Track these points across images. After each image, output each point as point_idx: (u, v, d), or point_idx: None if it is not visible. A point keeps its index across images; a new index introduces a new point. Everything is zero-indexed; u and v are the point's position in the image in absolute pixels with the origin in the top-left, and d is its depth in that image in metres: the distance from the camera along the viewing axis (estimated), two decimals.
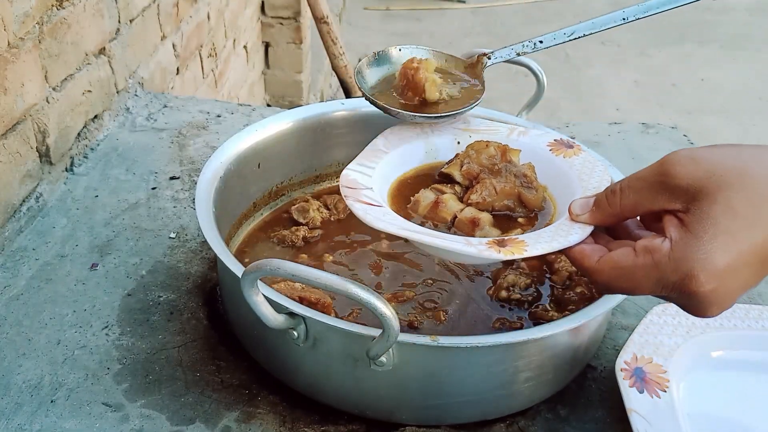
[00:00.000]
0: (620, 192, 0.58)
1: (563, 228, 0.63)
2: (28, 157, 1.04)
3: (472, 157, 0.75)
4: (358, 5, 4.88)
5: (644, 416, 0.72)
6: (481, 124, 0.82)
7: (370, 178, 0.73)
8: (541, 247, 0.61)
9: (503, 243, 0.62)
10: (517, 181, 0.73)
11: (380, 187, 0.74)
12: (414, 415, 0.74)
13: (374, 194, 0.71)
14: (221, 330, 0.87)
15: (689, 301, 0.54)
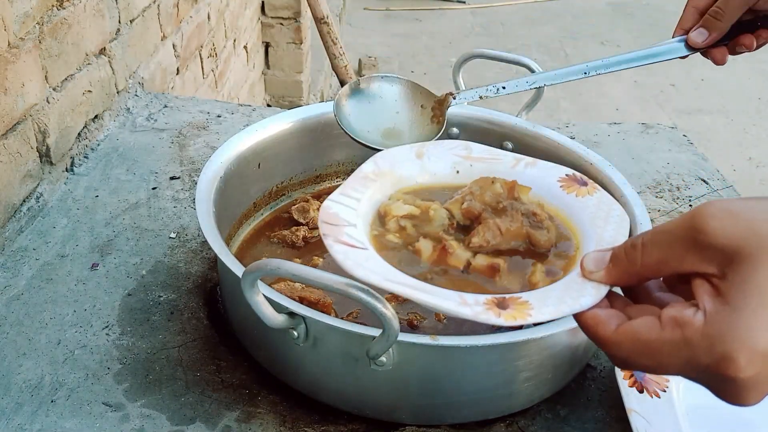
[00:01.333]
0: (642, 247, 0.48)
1: (574, 286, 0.53)
2: (28, 157, 1.04)
3: (475, 194, 0.66)
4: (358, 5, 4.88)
5: (644, 416, 0.72)
6: (483, 151, 0.74)
7: (354, 211, 0.64)
8: (548, 311, 0.52)
9: (504, 304, 0.53)
10: (526, 220, 0.64)
11: (366, 221, 0.65)
12: (414, 414, 0.74)
13: (358, 232, 0.61)
14: (221, 330, 0.87)
15: (724, 386, 0.44)
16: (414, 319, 0.83)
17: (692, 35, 0.76)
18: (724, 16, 0.74)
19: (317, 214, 0.99)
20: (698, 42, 0.76)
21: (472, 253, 0.61)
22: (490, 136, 1.04)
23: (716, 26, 0.75)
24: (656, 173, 1.25)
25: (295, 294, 0.78)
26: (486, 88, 0.84)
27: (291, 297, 0.72)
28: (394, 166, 0.71)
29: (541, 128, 1.01)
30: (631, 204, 0.86)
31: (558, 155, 0.97)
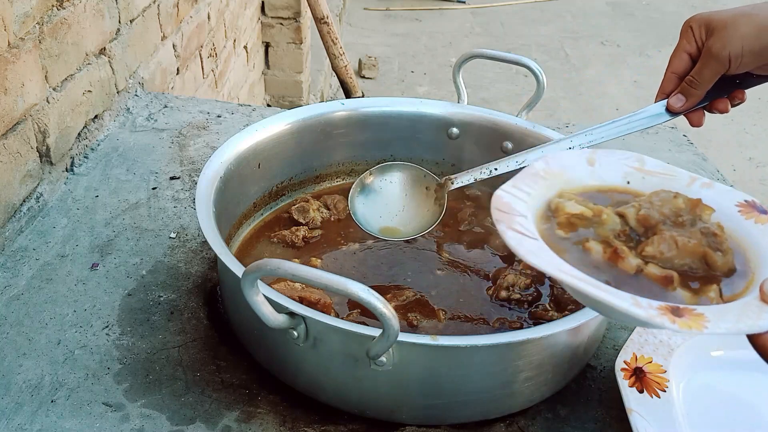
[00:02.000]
0: None
1: (752, 309, 0.53)
2: (28, 157, 1.04)
3: (654, 204, 0.65)
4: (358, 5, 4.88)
5: (644, 416, 0.72)
6: (657, 165, 0.72)
7: (525, 203, 0.64)
8: (725, 326, 0.51)
9: (679, 312, 0.53)
10: (704, 239, 0.61)
11: (534, 214, 0.65)
12: (414, 415, 0.74)
13: (528, 223, 0.62)
14: (221, 330, 0.87)
15: None
16: (413, 319, 0.83)
17: (671, 101, 0.80)
18: (699, 85, 0.78)
19: (317, 214, 0.99)
20: (676, 107, 0.80)
21: (644, 261, 0.60)
22: (490, 136, 1.04)
23: (692, 93, 0.79)
24: None
25: (295, 294, 0.78)
26: (480, 170, 0.89)
27: (291, 297, 0.72)
28: (564, 168, 0.70)
29: (542, 128, 1.01)
30: None
31: None
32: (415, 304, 0.86)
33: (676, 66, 0.80)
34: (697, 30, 0.77)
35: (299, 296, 0.78)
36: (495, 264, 0.94)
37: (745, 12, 0.74)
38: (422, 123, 1.07)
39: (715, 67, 0.76)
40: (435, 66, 4.05)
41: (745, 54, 0.74)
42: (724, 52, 0.74)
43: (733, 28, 0.74)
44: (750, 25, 0.73)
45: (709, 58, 0.76)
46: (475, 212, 1.02)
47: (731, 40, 0.74)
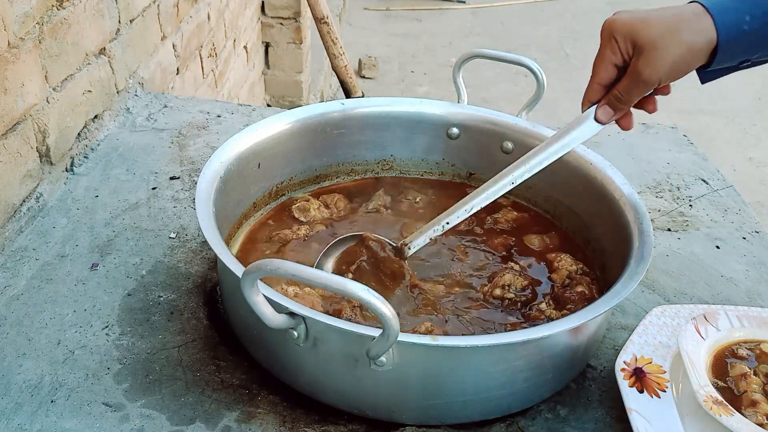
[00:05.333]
0: None
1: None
2: (28, 157, 1.04)
3: None
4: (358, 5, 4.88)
5: (644, 416, 0.72)
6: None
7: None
8: None
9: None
10: None
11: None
12: (414, 415, 0.74)
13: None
14: (221, 330, 0.87)
15: None
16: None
17: (599, 114, 0.80)
18: (627, 101, 0.78)
19: (318, 213, 0.99)
20: (604, 120, 0.81)
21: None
22: (490, 136, 1.04)
23: (620, 108, 0.79)
24: (656, 173, 1.25)
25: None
26: (433, 229, 0.86)
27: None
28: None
29: (541, 128, 1.01)
30: (631, 204, 0.86)
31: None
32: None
33: (602, 76, 0.79)
34: (623, 44, 0.76)
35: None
36: (493, 264, 0.94)
37: (670, 27, 0.72)
38: (422, 123, 1.07)
39: (645, 88, 0.76)
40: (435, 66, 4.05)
41: (673, 76, 0.74)
42: (654, 77, 0.74)
43: (663, 50, 0.72)
44: (679, 47, 0.72)
45: (639, 81, 0.75)
46: (474, 212, 1.01)
47: (662, 65, 0.73)
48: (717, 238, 1.09)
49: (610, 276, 0.85)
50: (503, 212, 1.01)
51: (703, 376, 0.72)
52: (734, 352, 0.78)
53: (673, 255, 1.05)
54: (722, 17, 0.71)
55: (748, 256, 1.06)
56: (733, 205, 1.18)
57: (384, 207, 1.02)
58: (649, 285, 0.98)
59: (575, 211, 0.98)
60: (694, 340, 0.76)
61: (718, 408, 0.69)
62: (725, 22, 0.71)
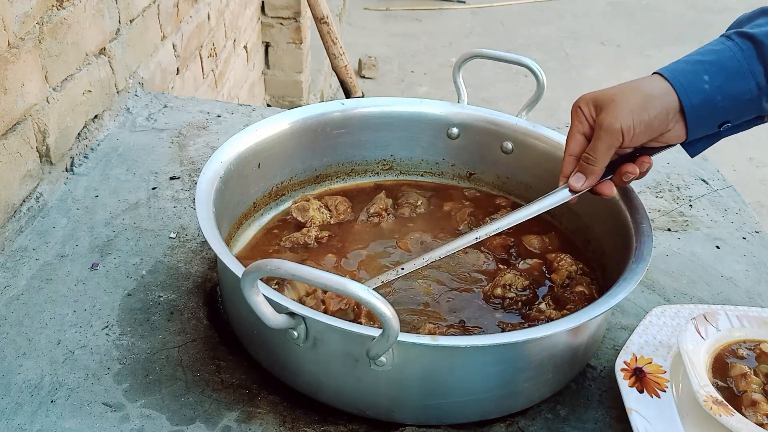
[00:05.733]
0: None
1: None
2: (28, 157, 1.04)
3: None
4: (358, 5, 4.88)
5: (644, 416, 0.72)
6: None
7: None
8: None
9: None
10: None
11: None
12: (414, 415, 0.74)
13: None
14: (221, 330, 0.87)
15: None
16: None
17: (571, 181, 0.80)
18: (596, 161, 0.78)
19: (317, 214, 0.99)
20: (577, 186, 0.80)
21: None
22: (490, 136, 1.04)
23: (590, 170, 0.79)
24: (656, 173, 1.25)
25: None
26: (387, 274, 0.84)
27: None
28: None
29: (541, 128, 1.01)
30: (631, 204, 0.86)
31: (558, 155, 0.97)
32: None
33: (572, 148, 0.80)
34: (586, 109, 0.78)
35: None
36: (492, 264, 0.94)
37: (630, 86, 0.76)
38: (422, 123, 1.07)
39: (609, 140, 0.76)
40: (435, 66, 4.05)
41: (636, 125, 0.75)
42: (615, 125, 0.75)
43: (621, 101, 0.75)
44: (637, 97, 0.75)
45: (601, 132, 0.76)
46: (474, 212, 1.01)
47: (621, 113, 0.75)
48: (717, 238, 1.09)
49: (610, 276, 0.85)
50: (502, 213, 1.01)
51: (703, 376, 0.72)
52: (734, 352, 0.78)
53: (673, 255, 1.05)
54: (679, 79, 0.75)
55: (748, 256, 1.06)
56: (733, 205, 1.18)
57: (385, 211, 1.02)
58: (649, 285, 0.98)
59: (575, 212, 0.98)
60: (694, 340, 0.76)
61: (718, 408, 0.69)
62: (683, 83, 0.74)
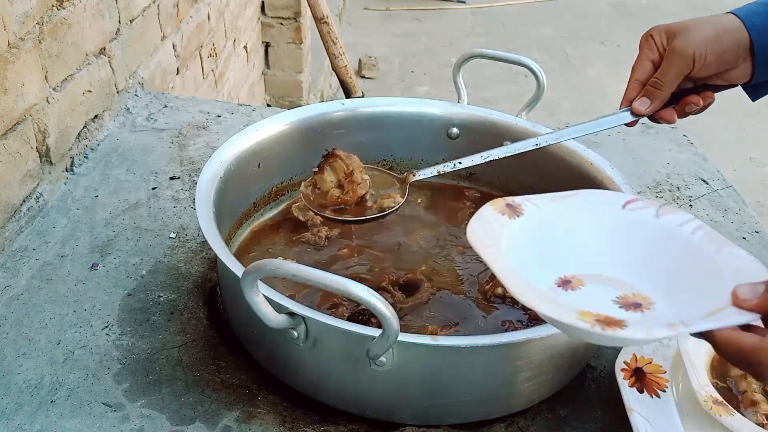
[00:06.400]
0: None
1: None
2: (28, 157, 1.04)
3: None
4: (358, 5, 4.88)
5: (644, 416, 0.72)
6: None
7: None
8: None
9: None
10: None
11: None
12: (414, 415, 0.74)
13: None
14: (221, 330, 0.87)
15: None
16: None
17: (635, 105, 0.81)
18: (663, 86, 0.79)
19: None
20: (641, 110, 0.81)
21: None
22: (490, 136, 1.04)
23: (657, 95, 0.79)
24: (656, 173, 1.25)
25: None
26: (444, 165, 0.90)
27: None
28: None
29: (542, 128, 1.01)
30: None
31: (558, 155, 0.98)
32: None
33: (639, 74, 0.81)
34: (658, 37, 0.79)
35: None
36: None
37: (704, 18, 0.77)
38: (422, 123, 1.07)
39: (679, 65, 0.77)
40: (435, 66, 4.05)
41: (708, 54, 0.76)
42: (688, 50, 0.76)
43: (695, 29, 0.76)
44: (711, 28, 0.76)
45: (673, 58, 0.77)
46: (474, 212, 1.01)
47: (695, 40, 0.76)
48: None
49: None
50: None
51: (703, 376, 0.72)
52: None
53: None
54: (752, 19, 0.75)
55: None
56: (733, 205, 1.18)
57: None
58: None
59: None
60: (695, 341, 0.76)
61: (718, 408, 0.69)
62: (755, 23, 0.75)
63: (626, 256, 0.66)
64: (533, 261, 0.64)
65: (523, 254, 0.64)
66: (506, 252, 0.63)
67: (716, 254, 0.63)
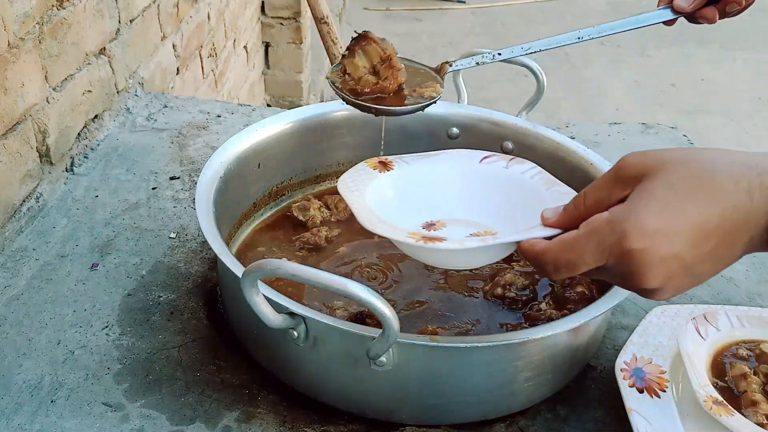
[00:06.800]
0: (584, 195, 0.61)
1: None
2: (28, 157, 1.04)
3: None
4: (358, 5, 4.88)
5: (644, 416, 0.72)
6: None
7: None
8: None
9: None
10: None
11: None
12: (414, 415, 0.74)
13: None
14: (221, 330, 0.87)
15: (626, 266, 0.55)
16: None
17: (678, 1, 0.77)
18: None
19: (318, 212, 0.99)
20: (684, 6, 0.77)
21: None
22: (490, 137, 1.04)
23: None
24: None
25: None
26: (482, 54, 0.86)
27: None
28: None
29: (542, 128, 1.01)
30: None
31: (558, 155, 0.97)
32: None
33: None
34: None
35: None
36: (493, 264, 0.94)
37: None
38: (422, 123, 1.07)
39: None
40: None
41: None
42: None
43: None
44: None
45: None
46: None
47: None
48: None
49: None
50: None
51: (703, 376, 0.72)
52: (734, 352, 0.78)
53: None
54: None
55: (748, 257, 1.05)
56: None
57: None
58: None
59: None
60: (694, 340, 0.76)
61: (718, 408, 0.69)
62: None
63: (479, 202, 0.78)
64: (400, 208, 0.76)
65: (389, 201, 0.76)
66: (370, 197, 0.75)
67: (546, 191, 0.75)
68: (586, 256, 0.57)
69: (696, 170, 0.55)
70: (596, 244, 0.56)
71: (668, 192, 0.55)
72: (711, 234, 0.54)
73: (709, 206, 0.54)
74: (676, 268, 0.55)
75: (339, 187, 0.76)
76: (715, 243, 0.55)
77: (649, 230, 0.54)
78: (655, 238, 0.54)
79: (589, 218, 0.58)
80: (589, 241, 0.57)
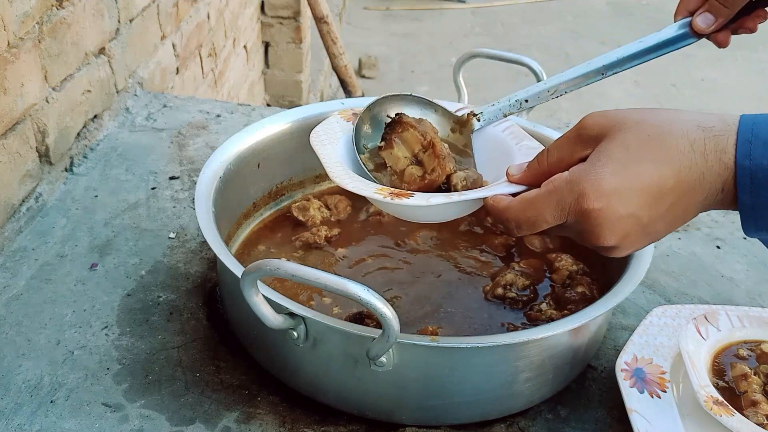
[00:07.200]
0: (547, 153, 0.63)
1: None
2: (27, 157, 1.04)
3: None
4: (358, 5, 4.88)
5: (644, 416, 0.72)
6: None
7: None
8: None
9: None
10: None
11: None
12: (414, 415, 0.74)
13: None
14: (221, 330, 0.87)
15: (584, 224, 0.58)
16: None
17: (698, 21, 0.73)
18: (733, 4, 0.71)
19: (317, 212, 0.99)
20: (703, 28, 0.74)
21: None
22: None
23: (723, 12, 0.72)
24: None
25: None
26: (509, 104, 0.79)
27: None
28: None
29: (542, 128, 1.01)
30: None
31: None
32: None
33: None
34: None
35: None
36: (494, 265, 0.94)
37: None
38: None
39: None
40: (435, 66, 4.05)
41: None
42: None
43: None
44: None
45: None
46: (476, 211, 1.01)
47: None
48: (718, 238, 1.09)
49: (610, 276, 0.84)
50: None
51: (703, 377, 0.72)
52: (735, 352, 0.77)
53: (673, 255, 1.05)
54: None
55: (748, 256, 1.06)
56: None
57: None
58: (650, 285, 0.98)
59: None
60: (695, 341, 0.76)
61: (718, 408, 0.69)
62: None
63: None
64: None
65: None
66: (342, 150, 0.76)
67: (515, 146, 0.77)
68: (546, 214, 0.59)
69: (653, 132, 0.57)
70: (556, 203, 0.59)
71: (625, 153, 0.57)
72: (666, 194, 0.56)
73: (664, 167, 0.56)
74: (632, 226, 0.57)
75: (311, 139, 0.76)
76: (670, 203, 0.57)
77: (606, 190, 0.56)
78: (611, 198, 0.56)
79: (551, 177, 0.60)
80: (550, 200, 0.59)
